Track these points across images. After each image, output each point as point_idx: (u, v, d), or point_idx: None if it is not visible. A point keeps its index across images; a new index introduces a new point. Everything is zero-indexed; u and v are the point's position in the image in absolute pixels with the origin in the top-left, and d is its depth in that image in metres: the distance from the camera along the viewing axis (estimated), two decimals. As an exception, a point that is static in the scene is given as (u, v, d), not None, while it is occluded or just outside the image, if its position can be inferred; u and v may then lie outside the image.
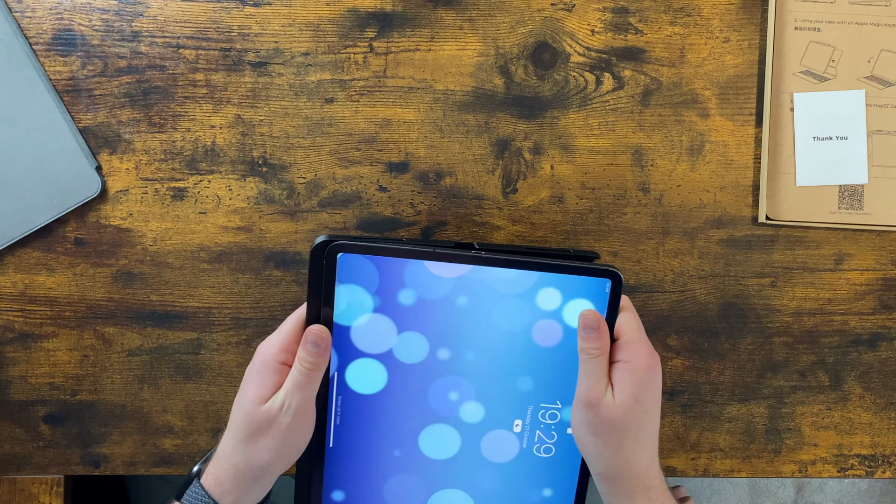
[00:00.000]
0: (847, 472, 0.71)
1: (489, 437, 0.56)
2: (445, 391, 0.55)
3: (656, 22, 0.67)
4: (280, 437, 0.50)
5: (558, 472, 0.57)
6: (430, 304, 0.53)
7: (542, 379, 0.55)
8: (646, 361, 0.51)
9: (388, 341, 0.54)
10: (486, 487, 0.57)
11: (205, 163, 0.67)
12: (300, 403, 0.50)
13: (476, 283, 0.53)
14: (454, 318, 0.54)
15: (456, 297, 0.53)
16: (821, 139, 0.68)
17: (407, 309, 0.53)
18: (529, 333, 0.54)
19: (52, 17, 0.65)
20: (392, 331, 0.54)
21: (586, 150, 0.68)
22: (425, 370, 0.55)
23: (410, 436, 0.56)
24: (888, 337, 0.70)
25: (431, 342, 0.54)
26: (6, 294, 0.67)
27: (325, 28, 0.66)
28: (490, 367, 0.55)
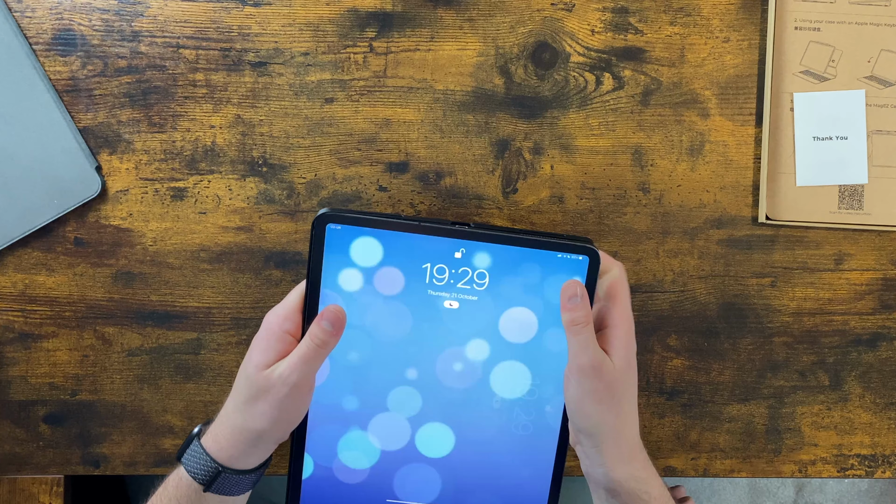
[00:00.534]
0: (847, 472, 0.71)
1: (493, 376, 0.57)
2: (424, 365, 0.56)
3: (656, 22, 0.67)
4: (277, 405, 0.51)
5: (536, 451, 0.57)
6: (413, 279, 0.54)
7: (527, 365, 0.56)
8: (630, 324, 0.53)
9: (372, 315, 0.54)
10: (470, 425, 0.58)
11: (205, 163, 0.67)
12: (300, 377, 0.50)
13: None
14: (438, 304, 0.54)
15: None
16: (821, 139, 0.68)
17: (389, 284, 0.54)
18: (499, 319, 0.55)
19: (52, 17, 0.65)
20: (377, 303, 0.54)
21: (586, 150, 0.68)
22: (403, 347, 0.55)
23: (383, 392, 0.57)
24: (888, 337, 0.70)
25: (414, 318, 0.55)
26: (6, 294, 0.67)
27: (325, 28, 0.66)
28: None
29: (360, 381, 0.56)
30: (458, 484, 0.58)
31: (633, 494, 0.52)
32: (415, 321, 0.54)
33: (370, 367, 0.55)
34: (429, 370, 0.55)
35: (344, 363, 0.55)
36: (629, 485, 0.52)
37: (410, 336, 0.55)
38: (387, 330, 0.55)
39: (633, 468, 0.52)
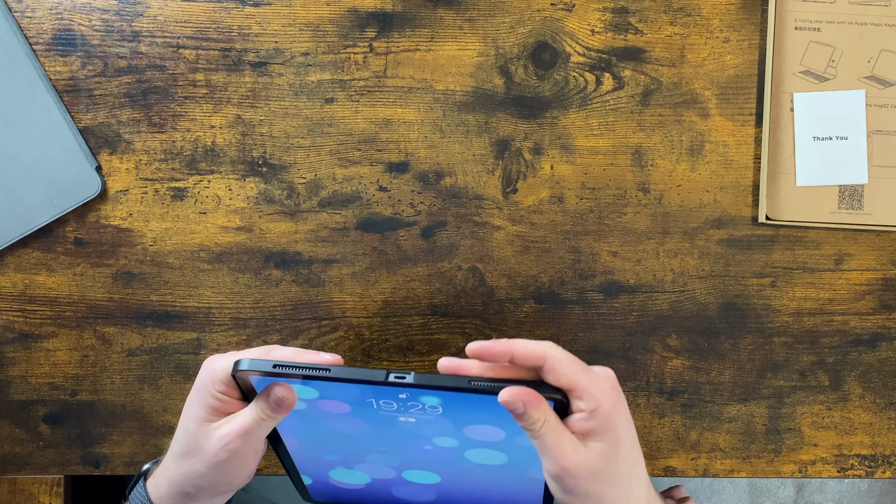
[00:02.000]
0: (847, 472, 0.71)
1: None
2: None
3: (656, 22, 0.67)
4: (213, 468, 0.48)
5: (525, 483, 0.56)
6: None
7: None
8: (608, 397, 0.45)
9: (327, 422, 0.52)
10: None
11: (205, 163, 0.67)
12: (241, 446, 0.48)
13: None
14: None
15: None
16: (821, 139, 0.68)
17: (336, 408, 0.50)
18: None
19: (52, 17, 0.65)
20: (329, 417, 0.51)
21: (586, 150, 0.68)
22: (369, 438, 0.53)
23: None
24: (888, 337, 0.70)
25: (371, 426, 0.52)
26: (6, 294, 0.67)
27: (325, 28, 0.66)
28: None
29: (335, 445, 0.54)
30: (452, 494, 0.58)
31: None
32: (373, 427, 0.51)
33: (341, 442, 0.53)
34: (400, 451, 0.53)
35: (310, 438, 0.53)
36: None
37: (373, 433, 0.52)
38: (347, 431, 0.52)
39: None
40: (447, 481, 0.56)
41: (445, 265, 0.68)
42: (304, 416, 0.51)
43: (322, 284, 0.67)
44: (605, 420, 0.45)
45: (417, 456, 0.54)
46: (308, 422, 0.52)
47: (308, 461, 0.56)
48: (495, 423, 0.49)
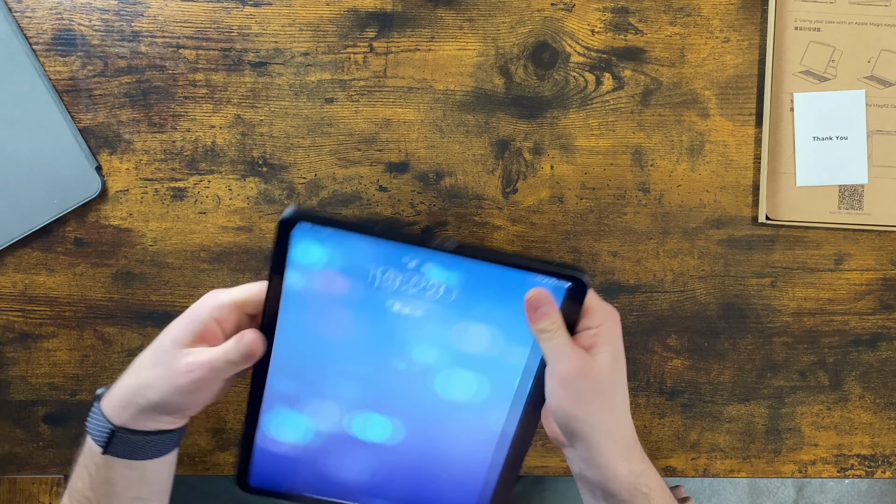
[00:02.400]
0: (847, 472, 0.71)
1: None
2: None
3: (656, 22, 0.67)
4: (171, 389, 0.49)
5: (474, 451, 0.55)
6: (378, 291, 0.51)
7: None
8: (612, 319, 0.50)
9: (329, 319, 0.52)
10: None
11: (205, 163, 0.67)
12: (203, 377, 0.48)
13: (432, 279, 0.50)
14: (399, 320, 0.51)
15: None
16: (821, 139, 0.68)
17: (342, 286, 0.51)
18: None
19: (52, 17, 0.65)
20: (334, 307, 0.51)
21: (586, 150, 0.68)
22: (351, 345, 0.53)
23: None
24: (888, 337, 0.70)
25: (368, 322, 0.52)
26: (6, 294, 0.67)
27: (325, 28, 0.66)
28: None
29: (308, 357, 0.53)
30: (392, 469, 0.56)
31: (632, 490, 0.50)
32: (356, 323, 0.51)
33: (308, 358, 0.52)
34: (370, 372, 0.53)
35: (282, 353, 0.53)
36: (629, 480, 0.50)
37: (354, 333, 0.52)
38: (329, 328, 0.52)
39: (631, 463, 0.50)
40: (398, 437, 0.54)
41: (445, 265, 0.68)
42: (297, 301, 0.51)
43: (322, 284, 0.67)
44: (606, 336, 0.50)
45: (384, 383, 0.53)
46: (297, 309, 0.51)
47: (272, 393, 0.54)
48: (492, 322, 0.51)
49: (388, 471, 0.56)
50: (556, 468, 0.69)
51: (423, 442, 0.55)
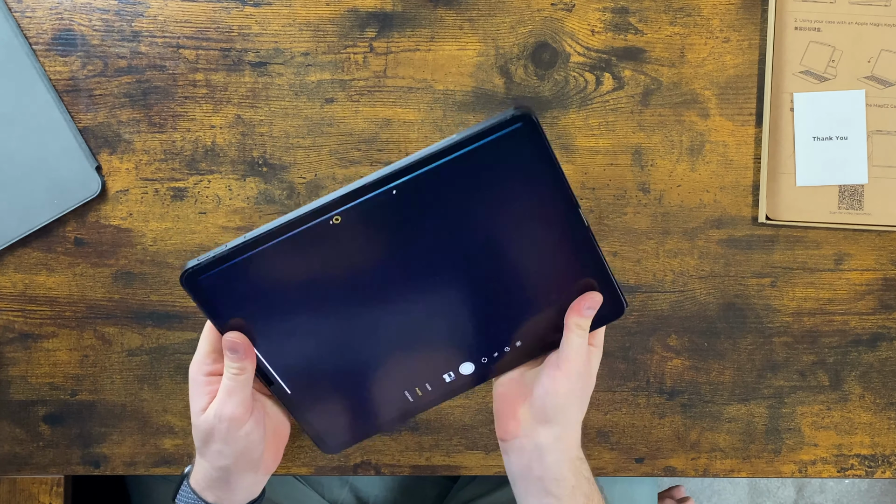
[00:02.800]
0: (847, 472, 0.71)
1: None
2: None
3: (656, 22, 0.67)
4: (225, 441, 0.52)
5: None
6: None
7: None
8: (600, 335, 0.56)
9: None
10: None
11: (205, 163, 0.67)
12: (233, 410, 0.51)
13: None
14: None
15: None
16: (821, 139, 0.68)
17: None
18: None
19: (52, 17, 0.65)
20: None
21: (586, 150, 0.68)
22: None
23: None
24: (888, 337, 0.70)
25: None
26: (6, 294, 0.67)
27: (325, 28, 0.66)
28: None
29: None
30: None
31: (578, 474, 0.54)
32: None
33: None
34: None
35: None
36: (577, 465, 0.54)
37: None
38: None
39: (579, 451, 0.55)
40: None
41: (445, 265, 0.68)
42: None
43: (322, 284, 0.67)
44: (599, 338, 0.55)
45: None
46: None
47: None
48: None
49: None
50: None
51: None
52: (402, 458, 0.69)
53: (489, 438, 0.69)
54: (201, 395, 0.53)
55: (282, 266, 0.49)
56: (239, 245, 0.48)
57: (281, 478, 0.81)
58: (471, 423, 0.69)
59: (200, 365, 0.53)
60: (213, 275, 0.48)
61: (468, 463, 0.69)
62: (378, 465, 0.69)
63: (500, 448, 0.56)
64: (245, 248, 0.48)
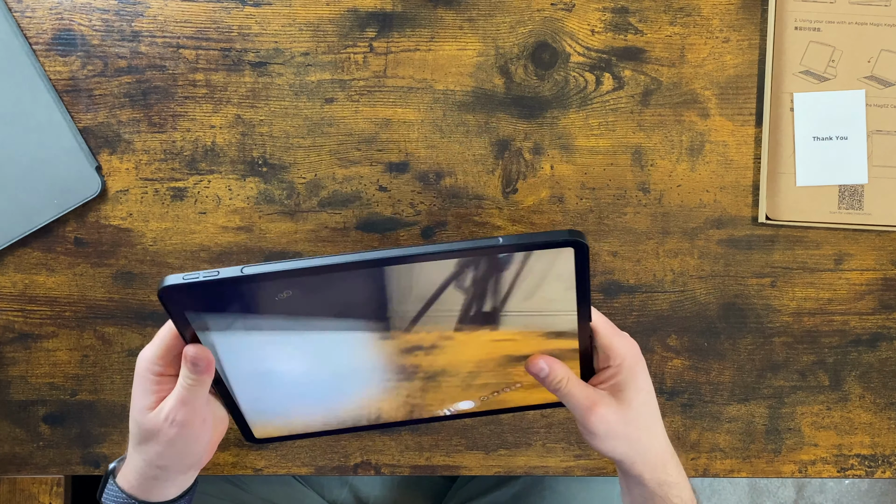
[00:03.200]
0: (847, 472, 0.71)
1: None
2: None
3: (656, 22, 0.67)
4: (169, 445, 0.52)
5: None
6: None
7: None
8: (632, 354, 0.54)
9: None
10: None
11: (205, 163, 0.67)
12: (185, 416, 0.51)
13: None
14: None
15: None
16: (821, 139, 0.68)
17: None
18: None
19: (52, 17, 0.65)
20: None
21: (586, 150, 0.68)
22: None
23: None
24: (888, 337, 0.70)
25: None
26: (6, 294, 0.67)
27: (325, 28, 0.66)
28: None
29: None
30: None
31: (666, 499, 0.55)
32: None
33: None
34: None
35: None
36: (662, 490, 0.55)
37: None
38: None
39: (666, 476, 0.55)
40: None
41: (445, 265, 0.68)
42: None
43: (322, 284, 0.67)
44: (629, 372, 0.53)
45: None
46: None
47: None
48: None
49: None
50: (555, 468, 0.69)
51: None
52: (402, 458, 0.69)
53: (489, 438, 0.69)
54: (147, 394, 0.51)
55: (267, 300, 0.48)
56: (234, 277, 0.46)
57: (281, 478, 0.81)
58: (471, 424, 0.69)
59: (151, 364, 0.51)
60: (194, 295, 0.47)
61: (468, 463, 0.69)
62: (378, 465, 0.69)
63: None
64: (241, 280, 0.46)
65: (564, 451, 0.69)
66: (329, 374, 0.54)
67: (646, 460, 0.54)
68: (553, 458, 0.69)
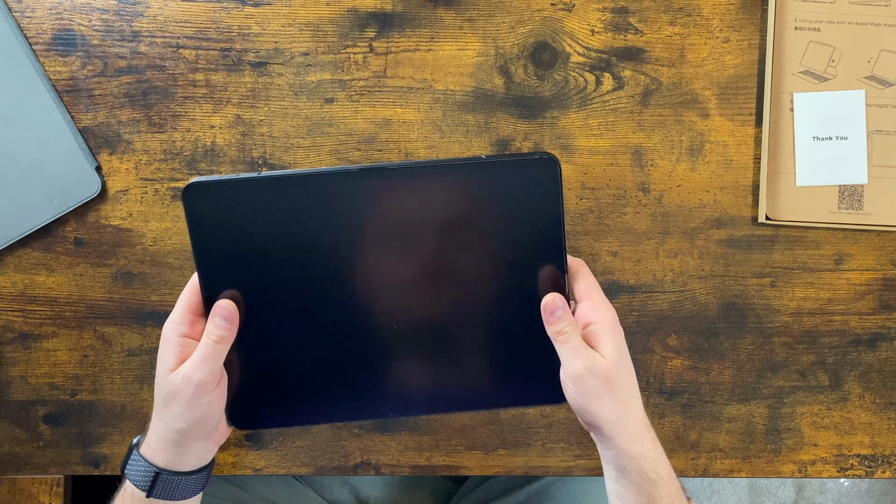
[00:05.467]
0: (847, 472, 0.71)
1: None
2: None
3: (656, 22, 0.67)
4: (187, 405, 0.52)
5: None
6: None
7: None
8: (612, 315, 0.54)
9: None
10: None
11: (205, 163, 0.67)
12: (203, 375, 0.51)
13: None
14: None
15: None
16: (821, 139, 0.68)
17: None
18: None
19: (52, 17, 0.65)
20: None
21: (586, 150, 0.68)
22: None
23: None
24: (888, 337, 0.70)
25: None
26: (6, 294, 0.67)
27: (325, 28, 0.66)
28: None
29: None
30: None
31: (642, 474, 0.54)
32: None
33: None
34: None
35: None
36: (639, 464, 0.54)
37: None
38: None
39: (643, 448, 0.54)
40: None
41: (445, 265, 0.68)
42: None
43: (322, 284, 0.67)
44: (608, 331, 0.53)
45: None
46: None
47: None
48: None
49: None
50: (556, 468, 0.69)
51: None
52: (402, 458, 0.69)
53: (489, 438, 0.69)
54: (172, 356, 0.52)
55: (283, 211, 0.50)
56: (252, 178, 0.49)
57: (281, 478, 0.81)
58: (471, 424, 0.69)
59: (177, 325, 0.52)
60: (215, 198, 0.49)
61: (468, 463, 0.69)
62: (378, 465, 0.69)
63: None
64: (257, 182, 0.49)
65: (564, 450, 0.69)
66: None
67: (626, 425, 0.54)
68: (553, 458, 0.69)
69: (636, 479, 0.54)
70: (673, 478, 0.56)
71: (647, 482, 0.54)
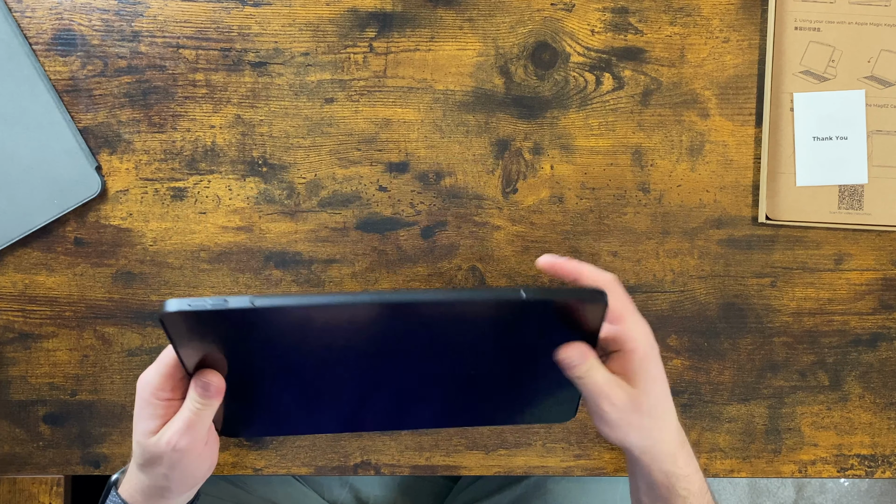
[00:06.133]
0: (847, 472, 0.71)
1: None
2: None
3: (656, 22, 0.67)
4: (172, 469, 0.51)
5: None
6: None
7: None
8: (648, 340, 0.52)
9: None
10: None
11: (205, 163, 0.67)
12: (189, 441, 0.50)
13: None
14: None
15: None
16: (821, 139, 0.68)
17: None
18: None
19: (52, 17, 0.65)
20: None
21: (586, 150, 0.68)
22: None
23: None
24: (888, 337, 0.70)
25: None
26: (6, 294, 0.67)
27: (325, 28, 0.66)
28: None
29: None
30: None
31: (672, 490, 0.53)
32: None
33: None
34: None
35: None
36: (669, 481, 0.53)
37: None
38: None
39: (675, 468, 0.53)
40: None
41: (445, 265, 0.68)
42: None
43: (322, 284, 0.67)
44: (644, 360, 0.51)
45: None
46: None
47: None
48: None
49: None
50: (555, 468, 0.69)
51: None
52: (402, 458, 0.69)
53: (489, 438, 0.69)
54: (151, 418, 0.50)
55: (275, 334, 0.47)
56: (242, 308, 0.44)
57: (281, 478, 0.81)
58: (471, 423, 0.69)
59: (155, 389, 0.50)
60: (198, 321, 0.46)
61: (468, 463, 0.69)
62: (378, 465, 0.69)
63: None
64: (247, 312, 0.44)
65: (564, 451, 0.69)
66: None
67: (655, 451, 0.53)
68: (553, 458, 0.69)
69: (664, 494, 0.53)
70: (704, 490, 0.54)
71: (676, 498, 0.53)
